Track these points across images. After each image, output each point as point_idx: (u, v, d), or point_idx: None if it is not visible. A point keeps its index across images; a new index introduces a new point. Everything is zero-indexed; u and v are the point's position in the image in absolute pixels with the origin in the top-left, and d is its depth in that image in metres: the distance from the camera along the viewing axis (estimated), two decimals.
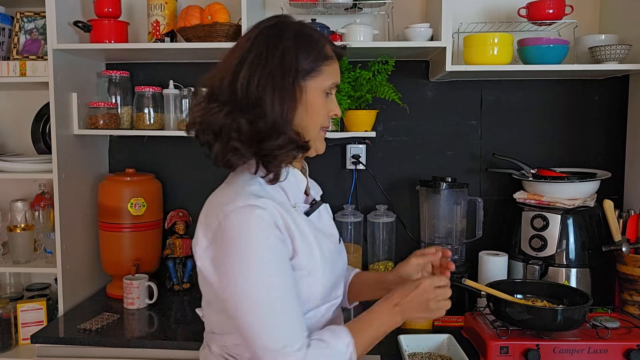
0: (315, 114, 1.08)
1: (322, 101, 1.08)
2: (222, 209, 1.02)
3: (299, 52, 1.04)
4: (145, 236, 2.07)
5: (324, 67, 1.07)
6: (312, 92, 1.06)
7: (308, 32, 1.08)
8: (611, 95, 2.08)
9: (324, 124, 1.10)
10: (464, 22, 2.01)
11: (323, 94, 1.08)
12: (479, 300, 1.78)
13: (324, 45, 1.08)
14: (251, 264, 0.98)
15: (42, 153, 2.19)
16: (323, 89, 1.08)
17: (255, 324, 0.98)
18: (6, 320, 1.90)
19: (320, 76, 1.07)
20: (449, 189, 1.94)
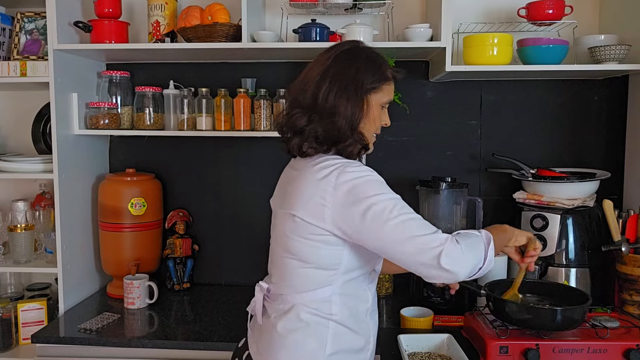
0: (373, 122, 1.31)
1: (379, 113, 1.32)
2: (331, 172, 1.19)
3: (367, 72, 1.26)
4: (145, 236, 2.07)
5: (384, 86, 1.29)
6: (373, 105, 1.29)
7: (375, 56, 1.30)
8: (611, 95, 2.08)
9: (377, 131, 1.35)
10: (464, 22, 2.02)
11: (380, 108, 1.31)
12: (479, 300, 1.78)
13: (386, 68, 1.30)
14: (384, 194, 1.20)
15: (42, 153, 2.19)
16: (381, 104, 1.31)
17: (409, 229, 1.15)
18: (7, 320, 1.90)
19: (380, 92, 1.29)
20: (449, 189, 1.95)
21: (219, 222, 2.24)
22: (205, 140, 2.19)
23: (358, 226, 1.16)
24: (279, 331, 1.22)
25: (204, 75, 2.17)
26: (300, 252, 1.22)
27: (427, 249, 1.14)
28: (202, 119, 2.01)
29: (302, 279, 1.23)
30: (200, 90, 2.03)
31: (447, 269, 1.13)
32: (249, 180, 2.21)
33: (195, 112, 2.03)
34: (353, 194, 1.16)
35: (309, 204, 1.18)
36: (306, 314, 1.22)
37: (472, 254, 1.18)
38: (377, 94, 1.28)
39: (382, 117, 1.35)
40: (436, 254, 1.13)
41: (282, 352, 1.21)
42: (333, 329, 1.22)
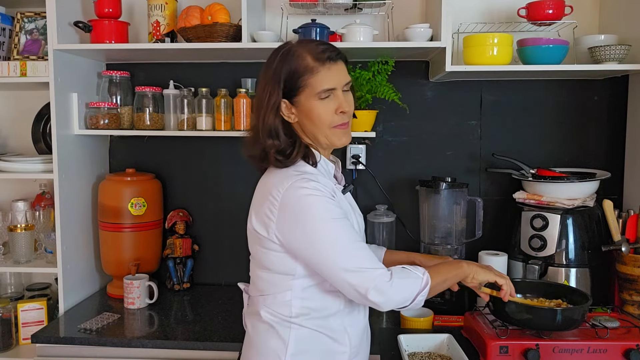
0: (317, 118, 1.25)
1: (319, 107, 1.24)
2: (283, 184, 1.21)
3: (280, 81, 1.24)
4: (145, 236, 2.07)
5: (307, 81, 1.23)
6: (305, 103, 1.24)
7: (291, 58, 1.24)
8: (611, 95, 2.08)
9: (333, 123, 1.26)
10: (464, 22, 2.02)
11: (317, 100, 1.24)
12: (479, 299, 1.78)
13: (303, 59, 1.23)
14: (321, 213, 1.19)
15: (42, 153, 2.19)
16: (315, 97, 1.23)
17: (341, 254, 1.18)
18: (7, 320, 1.90)
19: (307, 89, 1.23)
20: (449, 189, 1.95)
21: (219, 222, 2.24)
22: (205, 140, 2.19)
23: (299, 243, 1.20)
24: (249, 331, 1.32)
25: (204, 75, 2.17)
26: (260, 258, 1.28)
27: (360, 280, 1.17)
28: (202, 119, 2.01)
29: (264, 283, 1.28)
30: (200, 90, 2.04)
31: (372, 300, 1.18)
32: (249, 180, 2.20)
33: (195, 112, 2.03)
34: (297, 212, 1.19)
35: (258, 216, 1.24)
36: (269, 315, 1.27)
37: (401, 295, 1.20)
38: (303, 93, 1.24)
39: (331, 106, 1.26)
40: (367, 287, 1.16)
41: (251, 351, 1.30)
42: (296, 330, 1.25)
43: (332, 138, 1.28)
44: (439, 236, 1.98)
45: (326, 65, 1.24)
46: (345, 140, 1.31)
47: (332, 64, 1.25)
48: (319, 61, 1.24)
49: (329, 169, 1.34)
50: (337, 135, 1.28)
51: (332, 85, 1.25)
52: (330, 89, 1.24)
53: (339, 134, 1.29)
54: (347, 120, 1.29)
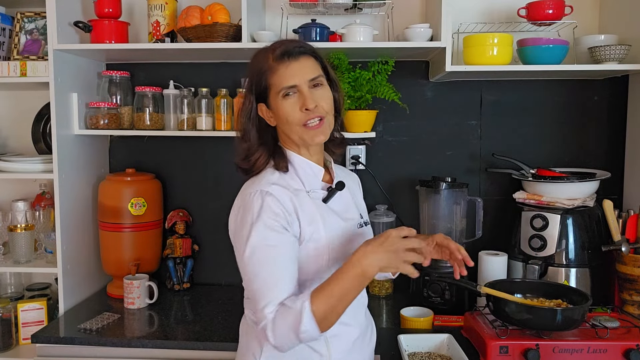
0: (284, 117, 1.25)
1: (284, 106, 1.24)
2: (245, 193, 1.25)
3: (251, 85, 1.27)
4: (145, 236, 2.07)
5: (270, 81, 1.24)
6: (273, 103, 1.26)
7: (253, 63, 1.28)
8: (611, 95, 2.08)
9: (301, 121, 1.24)
10: (464, 22, 2.02)
11: (281, 99, 1.23)
12: (479, 299, 1.78)
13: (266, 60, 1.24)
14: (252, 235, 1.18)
15: (42, 153, 2.19)
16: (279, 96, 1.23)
17: (250, 282, 1.18)
18: (7, 320, 1.90)
19: (272, 89, 1.24)
20: (449, 189, 1.95)
21: (219, 222, 2.23)
22: (205, 140, 2.19)
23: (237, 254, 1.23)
24: (240, 332, 1.37)
25: (204, 75, 2.17)
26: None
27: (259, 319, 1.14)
28: (202, 119, 2.01)
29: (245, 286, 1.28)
30: (200, 90, 2.04)
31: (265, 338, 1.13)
32: None
33: (195, 112, 2.03)
34: (239, 223, 1.22)
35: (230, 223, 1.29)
36: (251, 316, 1.30)
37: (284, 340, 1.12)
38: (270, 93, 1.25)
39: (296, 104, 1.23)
40: (263, 328, 1.13)
41: (239, 350, 1.36)
42: None
43: (305, 137, 1.26)
44: None
45: (285, 63, 1.23)
46: (319, 138, 1.26)
47: (293, 60, 1.23)
48: (278, 60, 1.23)
49: (315, 172, 1.31)
50: (309, 134, 1.25)
51: (291, 82, 1.23)
52: (290, 87, 1.23)
53: (311, 132, 1.25)
54: (314, 116, 1.24)
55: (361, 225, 1.38)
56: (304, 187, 1.29)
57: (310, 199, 1.27)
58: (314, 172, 1.32)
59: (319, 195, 1.31)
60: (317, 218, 1.26)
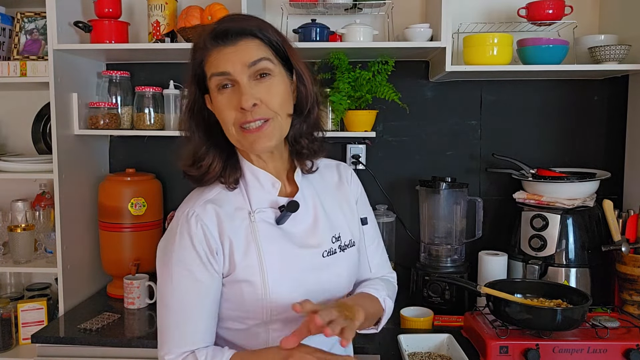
0: (219, 116, 1.02)
1: (219, 100, 1.00)
2: (178, 212, 1.08)
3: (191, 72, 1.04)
4: (145, 236, 2.07)
5: (205, 67, 1.01)
6: (212, 96, 1.03)
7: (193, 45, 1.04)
8: (611, 95, 2.08)
9: (237, 122, 1.00)
10: (464, 22, 2.01)
11: (216, 92, 1.00)
12: (479, 299, 1.78)
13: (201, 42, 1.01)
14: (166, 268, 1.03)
15: (42, 153, 2.19)
16: (214, 89, 1.01)
17: (159, 320, 1.04)
18: (7, 320, 1.90)
19: (207, 79, 1.01)
20: (449, 189, 1.95)
21: None
22: None
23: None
24: None
25: None
26: None
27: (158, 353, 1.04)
28: None
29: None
30: None
31: None
32: None
33: None
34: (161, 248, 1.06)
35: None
36: None
37: None
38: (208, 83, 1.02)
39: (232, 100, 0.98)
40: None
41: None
42: None
43: (243, 142, 1.01)
44: (439, 236, 1.98)
45: (218, 46, 0.98)
46: (260, 145, 1.00)
47: (229, 44, 0.98)
48: (210, 41, 0.99)
49: (265, 185, 1.08)
50: (248, 140, 1.00)
51: (222, 68, 0.97)
52: (220, 74, 0.97)
53: (250, 138, 0.99)
54: (255, 118, 0.98)
55: (331, 252, 1.10)
56: (250, 205, 1.06)
57: (251, 223, 1.04)
58: (268, 185, 1.08)
59: (267, 216, 1.06)
60: (251, 250, 1.02)
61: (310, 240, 1.09)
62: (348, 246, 1.14)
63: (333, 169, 1.23)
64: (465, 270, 1.92)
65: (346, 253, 1.13)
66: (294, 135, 1.09)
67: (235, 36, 0.98)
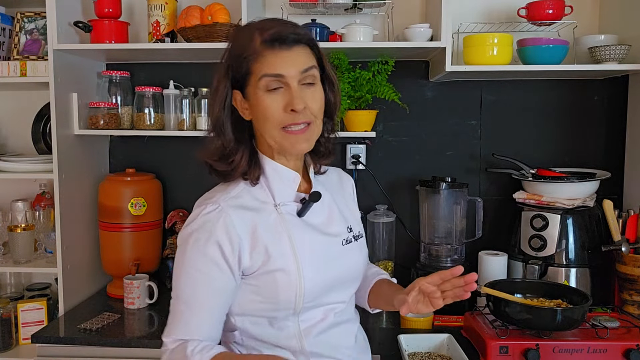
0: (262, 114, 1.05)
1: (265, 100, 1.03)
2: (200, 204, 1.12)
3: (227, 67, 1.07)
4: (145, 236, 2.07)
5: (252, 66, 1.04)
6: (251, 94, 1.05)
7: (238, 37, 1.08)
8: (611, 95, 2.08)
9: (282, 123, 1.04)
10: (464, 22, 2.01)
11: (263, 92, 1.04)
12: (479, 299, 1.78)
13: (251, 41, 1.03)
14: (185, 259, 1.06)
15: (42, 153, 2.19)
16: (260, 87, 1.04)
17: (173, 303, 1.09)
18: (6, 320, 1.90)
19: (252, 76, 1.04)
20: (449, 189, 1.95)
21: None
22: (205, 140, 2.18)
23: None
24: None
25: (204, 75, 2.17)
26: None
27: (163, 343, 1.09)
28: (202, 119, 2.01)
29: None
30: (200, 90, 2.03)
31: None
32: None
33: (195, 112, 2.03)
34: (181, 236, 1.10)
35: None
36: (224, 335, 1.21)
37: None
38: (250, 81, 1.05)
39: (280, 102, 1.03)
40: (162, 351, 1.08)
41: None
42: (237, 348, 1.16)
43: (283, 143, 1.05)
44: (439, 236, 1.98)
45: (275, 49, 1.02)
46: (301, 147, 1.06)
47: (285, 49, 1.02)
48: (266, 43, 1.02)
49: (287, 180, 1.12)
50: (290, 141, 1.05)
51: (278, 70, 1.01)
52: (275, 76, 1.01)
53: (292, 139, 1.05)
54: (300, 120, 1.04)
55: (348, 240, 1.17)
56: (273, 199, 1.11)
57: (278, 215, 1.09)
58: (289, 180, 1.12)
59: (290, 209, 1.11)
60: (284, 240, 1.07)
61: (330, 229, 1.15)
62: (358, 237, 1.21)
63: (333, 172, 1.32)
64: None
65: (358, 242, 1.21)
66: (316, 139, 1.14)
67: (291, 42, 1.03)
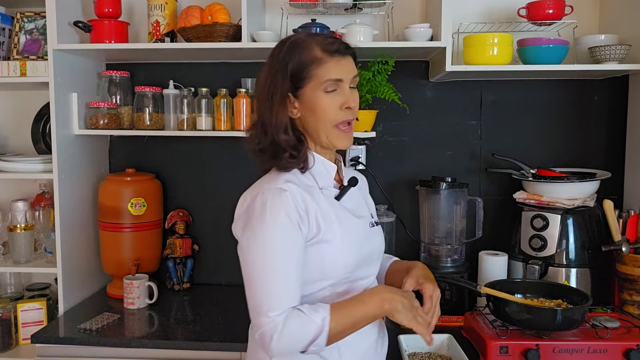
0: (321, 113, 1.20)
1: (325, 100, 1.19)
2: (256, 190, 1.21)
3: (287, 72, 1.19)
4: (145, 236, 2.07)
5: (314, 71, 1.19)
6: (310, 95, 1.20)
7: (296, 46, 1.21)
8: (611, 95, 2.08)
9: (336, 120, 1.21)
10: (464, 22, 2.01)
11: (323, 93, 1.19)
12: (479, 300, 1.78)
13: (311, 50, 1.19)
14: (264, 235, 1.14)
15: (42, 153, 2.19)
16: (323, 89, 1.19)
17: (254, 284, 1.15)
18: (6, 320, 1.90)
19: (313, 80, 1.19)
20: (449, 189, 1.95)
21: (219, 222, 2.23)
22: (205, 140, 2.19)
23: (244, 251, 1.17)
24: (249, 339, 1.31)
25: (204, 75, 2.17)
26: None
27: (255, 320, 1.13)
28: (202, 119, 2.01)
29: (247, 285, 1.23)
30: (200, 90, 2.03)
31: (262, 343, 1.12)
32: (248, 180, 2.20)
33: (195, 112, 2.03)
34: (247, 219, 1.18)
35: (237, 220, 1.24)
36: None
37: (289, 344, 1.11)
38: (308, 84, 1.19)
39: (337, 101, 1.20)
40: (257, 329, 1.12)
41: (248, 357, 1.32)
42: None
43: (333, 138, 1.23)
44: (439, 236, 1.98)
45: (335, 58, 1.20)
46: (347, 143, 1.25)
47: (341, 57, 1.21)
48: (328, 52, 1.20)
49: (329, 170, 1.29)
50: (340, 137, 1.23)
51: (339, 75, 1.20)
52: (337, 80, 1.20)
53: (342, 136, 1.24)
54: (350, 117, 1.23)
55: (373, 224, 1.36)
56: (317, 184, 1.26)
57: (324, 197, 1.24)
58: (328, 169, 1.29)
59: (331, 193, 1.28)
60: (331, 217, 1.22)
61: (360, 212, 1.32)
62: (378, 223, 1.39)
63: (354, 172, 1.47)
64: (465, 270, 1.92)
65: (379, 227, 1.39)
66: None
67: (346, 52, 1.23)
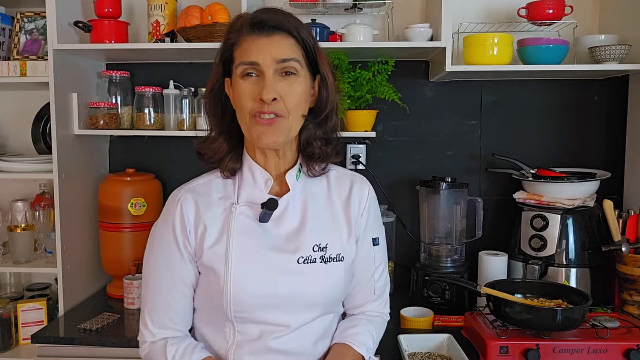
0: (237, 103, 1.04)
1: (240, 87, 1.02)
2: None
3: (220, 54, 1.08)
4: (145, 236, 2.02)
5: (235, 53, 1.04)
6: (234, 81, 1.05)
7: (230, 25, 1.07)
8: (611, 95, 2.08)
9: (253, 110, 1.01)
10: (464, 22, 2.01)
11: (240, 79, 1.03)
12: (479, 299, 1.78)
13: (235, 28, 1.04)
14: (150, 244, 1.15)
15: (42, 153, 2.19)
16: (239, 75, 1.03)
17: (144, 291, 1.14)
18: (6, 320, 1.90)
19: (234, 63, 1.04)
20: (449, 189, 1.95)
21: None
22: None
23: None
24: None
25: (204, 75, 2.16)
26: None
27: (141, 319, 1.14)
28: (202, 119, 2.01)
29: None
30: (200, 90, 2.03)
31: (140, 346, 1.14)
32: None
33: (195, 112, 2.03)
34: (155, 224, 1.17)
35: None
36: None
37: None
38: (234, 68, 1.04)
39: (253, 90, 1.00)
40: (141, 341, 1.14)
41: None
42: None
43: (252, 132, 1.02)
44: (439, 236, 1.98)
45: (251, 36, 1.00)
46: (265, 140, 1.01)
47: (263, 35, 1.00)
48: (246, 29, 1.01)
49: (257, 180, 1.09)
50: (257, 131, 1.01)
51: (252, 58, 0.99)
52: (249, 63, 0.99)
53: (259, 130, 1.01)
54: (267, 110, 0.99)
55: (309, 260, 1.07)
56: (236, 198, 1.09)
57: (230, 214, 1.07)
58: (260, 182, 1.09)
59: (250, 212, 1.08)
60: (222, 240, 1.05)
61: (288, 244, 1.08)
62: (334, 260, 1.09)
63: (347, 181, 1.19)
64: (465, 270, 1.92)
65: (328, 266, 1.08)
66: (307, 138, 1.10)
67: (271, 29, 1.00)
